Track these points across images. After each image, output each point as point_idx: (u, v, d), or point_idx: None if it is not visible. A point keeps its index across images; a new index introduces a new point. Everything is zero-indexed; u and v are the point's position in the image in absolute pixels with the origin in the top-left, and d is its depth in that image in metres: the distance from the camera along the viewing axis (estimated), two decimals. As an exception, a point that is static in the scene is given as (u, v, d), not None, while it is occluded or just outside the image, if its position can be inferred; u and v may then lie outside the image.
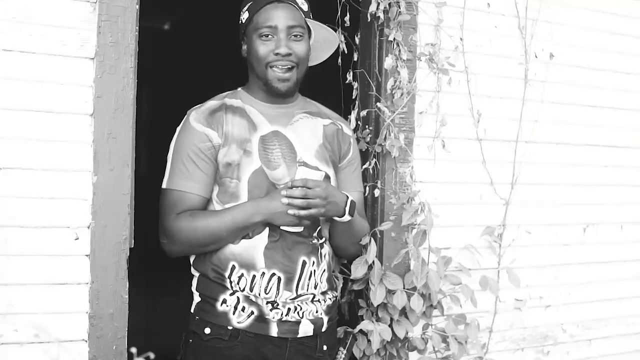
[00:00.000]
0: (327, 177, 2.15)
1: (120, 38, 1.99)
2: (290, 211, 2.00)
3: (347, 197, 2.09)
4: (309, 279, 2.11)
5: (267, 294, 2.07)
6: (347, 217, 2.08)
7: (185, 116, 2.12)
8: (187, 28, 6.26)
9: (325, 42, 2.26)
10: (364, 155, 2.44)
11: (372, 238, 2.26)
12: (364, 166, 2.40)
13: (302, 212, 2.00)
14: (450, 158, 2.59)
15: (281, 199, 2.01)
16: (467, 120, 2.63)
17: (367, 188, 2.43)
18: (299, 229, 2.08)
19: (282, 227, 2.07)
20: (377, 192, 2.42)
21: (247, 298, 2.07)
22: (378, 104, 2.42)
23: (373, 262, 2.27)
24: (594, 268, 2.95)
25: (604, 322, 2.99)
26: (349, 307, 2.47)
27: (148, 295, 4.53)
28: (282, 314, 2.07)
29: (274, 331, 2.07)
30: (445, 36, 2.55)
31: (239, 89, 2.21)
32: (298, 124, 2.17)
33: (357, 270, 2.26)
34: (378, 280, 2.28)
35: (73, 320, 1.96)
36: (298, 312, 2.09)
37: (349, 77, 2.50)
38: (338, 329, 2.32)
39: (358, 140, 2.43)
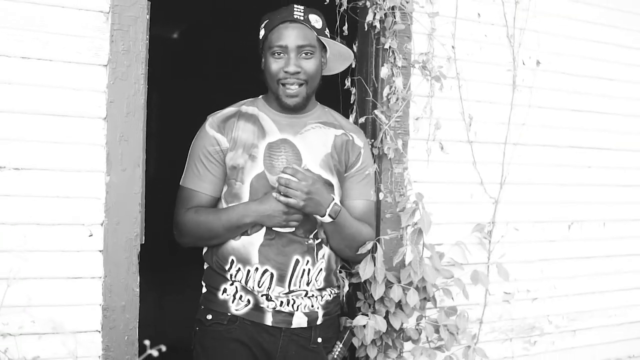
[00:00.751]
0: (329, 184, 2.15)
1: (131, 46, 1.99)
2: (273, 193, 2.03)
3: (332, 200, 2.07)
4: (302, 277, 2.11)
5: (260, 287, 2.09)
6: (327, 219, 2.06)
7: (205, 121, 2.16)
8: (194, 37, 6.27)
9: (339, 55, 2.25)
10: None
11: (377, 243, 2.26)
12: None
13: (281, 198, 2.01)
14: (442, 159, 2.60)
15: (271, 202, 2.03)
16: (459, 124, 2.63)
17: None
18: (291, 230, 2.09)
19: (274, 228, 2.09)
20: (381, 196, 2.42)
21: (244, 288, 2.10)
22: (375, 111, 2.43)
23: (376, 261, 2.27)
24: (579, 263, 2.96)
25: (587, 314, 2.99)
26: (347, 299, 2.47)
27: (156, 289, 4.54)
28: (276, 305, 2.09)
29: (268, 320, 2.09)
30: (438, 44, 2.56)
31: (260, 97, 2.23)
32: (308, 133, 2.17)
33: (365, 271, 2.26)
34: (382, 278, 2.28)
35: (87, 312, 1.97)
36: (292, 305, 2.11)
37: (347, 83, 2.51)
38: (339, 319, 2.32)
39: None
